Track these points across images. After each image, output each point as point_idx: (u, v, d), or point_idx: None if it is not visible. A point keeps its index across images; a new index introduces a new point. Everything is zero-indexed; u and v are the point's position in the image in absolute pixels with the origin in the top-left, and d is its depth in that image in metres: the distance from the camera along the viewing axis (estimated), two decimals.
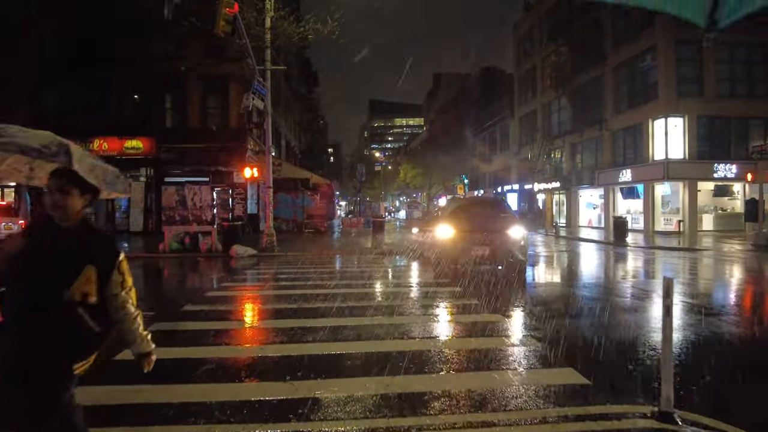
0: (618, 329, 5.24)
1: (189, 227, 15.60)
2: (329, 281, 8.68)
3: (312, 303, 6.36)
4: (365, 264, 11.81)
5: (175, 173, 21.46)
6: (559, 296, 7.20)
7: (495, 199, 10.18)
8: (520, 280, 8.13)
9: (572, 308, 6.32)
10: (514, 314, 5.95)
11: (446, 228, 8.32)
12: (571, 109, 33.41)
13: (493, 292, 7.21)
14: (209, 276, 9.85)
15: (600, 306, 6.31)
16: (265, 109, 15.18)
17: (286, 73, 37.43)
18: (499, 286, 7.86)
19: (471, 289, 7.42)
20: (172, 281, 9.64)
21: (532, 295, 7.24)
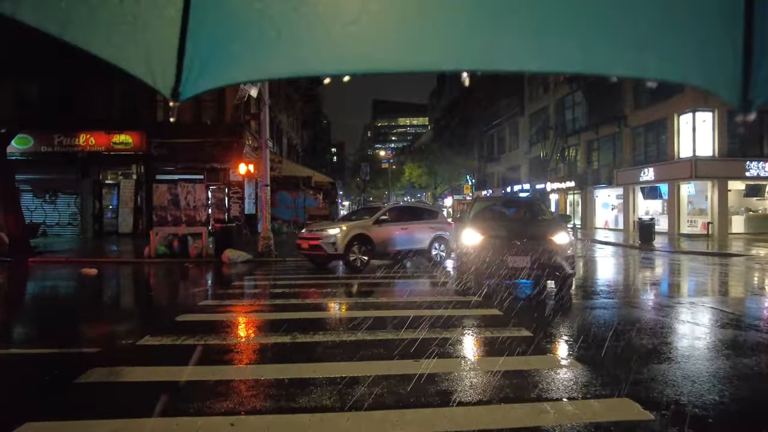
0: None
1: (178, 229, 14.09)
2: (332, 298, 7.16)
3: (311, 334, 4.83)
4: (373, 274, 10.28)
5: (167, 170, 20.02)
6: (631, 321, 5.64)
7: (529, 199, 8.60)
8: (567, 299, 6.61)
9: (666, 345, 4.77)
10: (591, 354, 4.35)
11: (473, 234, 6.78)
12: (586, 104, 31.80)
13: (543, 318, 5.67)
14: (191, 290, 8.32)
15: (698, 343, 4.76)
16: (262, 97, 13.68)
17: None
18: (547, 307, 6.32)
19: (512, 312, 5.88)
20: (142, 298, 8.00)
21: (594, 321, 5.70)
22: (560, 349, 4.51)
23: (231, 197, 19.80)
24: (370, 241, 10.48)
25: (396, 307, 6.34)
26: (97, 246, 16.74)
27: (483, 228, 7.00)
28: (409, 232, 11.28)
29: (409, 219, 11.61)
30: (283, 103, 32.84)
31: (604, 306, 6.54)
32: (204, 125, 19.76)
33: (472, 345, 4.63)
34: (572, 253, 6.61)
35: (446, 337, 4.71)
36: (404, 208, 12.65)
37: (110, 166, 19.88)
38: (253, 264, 12.52)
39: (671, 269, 11.49)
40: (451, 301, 6.55)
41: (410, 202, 13.31)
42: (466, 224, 7.45)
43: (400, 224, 11.25)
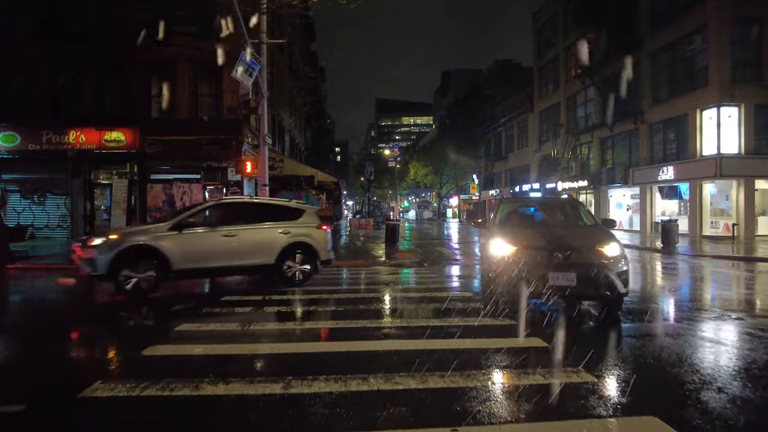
0: None
1: None
2: (335, 319, 6.07)
3: (310, 382, 3.75)
4: (384, 286, 9.19)
5: (162, 169, 18.98)
6: (717, 360, 4.52)
7: (565, 199, 7.35)
8: (613, 321, 5.50)
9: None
10: (689, 414, 3.21)
11: (502, 243, 5.67)
12: (600, 100, 30.58)
13: (602, 352, 4.56)
14: (171, 308, 7.22)
15: None
16: (259, 89, 12.60)
17: (291, 67, 35.00)
18: (602, 336, 5.21)
19: (560, 343, 4.78)
20: (112, 319, 6.74)
21: (666, 358, 4.59)
22: (647, 404, 3.39)
23: None
24: (159, 255, 7.44)
25: (414, 333, 5.25)
26: None
27: (515, 236, 5.88)
28: (240, 241, 8.07)
29: (243, 221, 8.38)
30: (285, 100, 31.79)
31: (670, 333, 5.41)
32: (201, 122, 18.72)
33: (521, 397, 3.52)
34: (626, 268, 5.48)
35: (483, 385, 3.62)
36: (237, 206, 9.22)
37: (102, 164, 18.85)
38: None
39: (718, 279, 10.32)
40: (481, 326, 5.43)
41: (254, 198, 11.10)
42: (493, 231, 6.33)
43: (222, 229, 8.04)
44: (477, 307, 6.43)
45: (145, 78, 18.67)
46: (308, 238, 8.67)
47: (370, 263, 12.81)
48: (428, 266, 12.40)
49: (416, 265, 12.71)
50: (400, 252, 15.64)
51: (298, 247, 8.54)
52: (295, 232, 8.58)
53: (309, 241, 8.64)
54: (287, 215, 8.84)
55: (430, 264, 12.97)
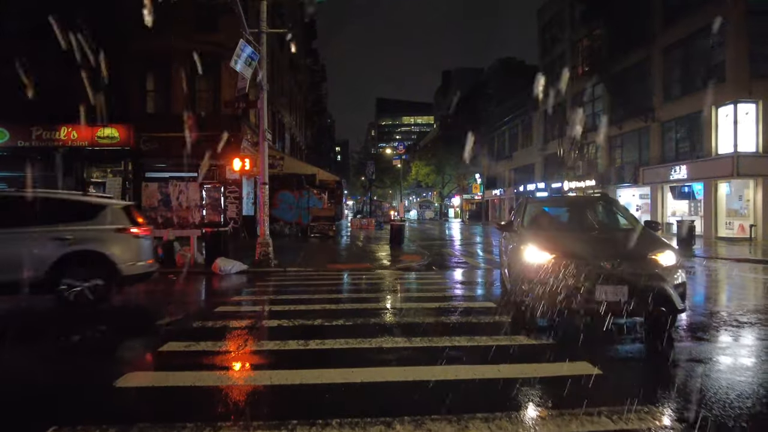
0: None
1: (164, 233, 12.27)
2: (344, 336, 5.32)
3: (320, 429, 3.01)
4: (393, 294, 8.45)
5: (157, 167, 18.26)
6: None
7: (601, 198, 6.47)
8: (666, 340, 4.77)
9: None
10: None
11: (536, 251, 4.90)
12: (608, 98, 29.85)
13: (666, 379, 3.82)
14: (160, 319, 6.48)
15: None
16: (259, 82, 11.85)
17: (291, 63, 34.24)
18: (660, 360, 4.46)
19: (613, 368, 4.04)
20: (86, 339, 5.83)
21: (747, 379, 3.86)
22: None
23: (227, 197, 18.00)
24: None
25: (438, 356, 4.50)
26: None
27: (552, 242, 5.10)
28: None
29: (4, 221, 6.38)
30: (286, 98, 31.04)
31: (743, 354, 4.66)
32: (198, 118, 17.94)
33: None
34: (683, 280, 4.72)
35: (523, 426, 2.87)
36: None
37: (95, 162, 18.12)
38: (249, 275, 10.71)
39: (757, 286, 9.57)
40: (515, 346, 4.68)
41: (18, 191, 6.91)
42: (524, 236, 5.56)
43: None
44: (504, 322, 5.68)
45: (140, 72, 17.93)
46: (100, 245, 6.65)
47: (375, 267, 12.06)
48: (438, 270, 11.65)
49: (425, 269, 11.96)
50: (406, 254, 14.89)
51: (83, 258, 6.56)
52: (80, 237, 6.57)
53: (101, 249, 6.64)
54: (75, 214, 6.77)
55: (439, 268, 12.23)
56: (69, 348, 5.05)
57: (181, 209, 18.06)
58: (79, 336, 5.45)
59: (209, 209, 18.24)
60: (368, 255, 14.81)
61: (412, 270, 11.86)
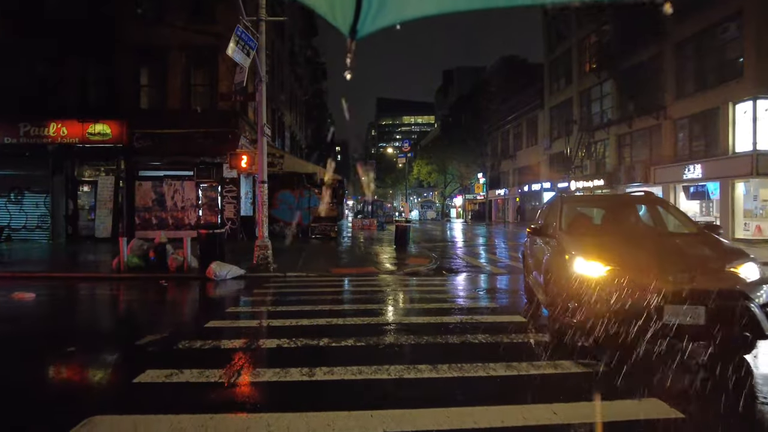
0: None
1: (156, 234, 11.47)
2: (356, 363, 4.51)
3: None
4: (404, 304, 7.66)
5: (151, 165, 17.44)
6: None
7: (647, 199, 5.62)
8: (748, 371, 3.98)
9: None
10: None
11: (585, 261, 4.09)
12: (617, 95, 29.06)
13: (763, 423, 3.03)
14: (143, 337, 5.64)
15: None
16: (258, 74, 11.05)
17: (292, 60, 33.45)
18: (749, 399, 3.65)
19: (693, 409, 3.24)
20: (55, 362, 5.01)
21: None
22: None
23: (224, 196, 17.19)
24: None
25: (475, 392, 3.70)
26: (62, 255, 14.18)
27: (602, 251, 4.28)
28: None
29: None
30: (286, 95, 30.25)
31: None
32: (194, 114, 17.17)
33: None
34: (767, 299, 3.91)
35: None
36: None
37: (86, 160, 17.29)
38: (246, 281, 9.91)
39: None
40: (566, 376, 3.88)
41: None
42: (566, 242, 4.73)
43: None
44: (541, 342, 4.87)
45: (134, 65, 17.12)
46: None
47: (380, 271, 11.26)
48: (449, 275, 10.85)
49: (434, 274, 11.17)
50: (413, 257, 14.09)
51: None
52: None
53: None
54: None
55: (450, 272, 11.43)
56: (19, 387, 4.23)
57: (176, 209, 17.26)
58: (33, 362, 4.64)
59: (206, 209, 17.43)
60: (372, 258, 14.01)
61: (420, 275, 11.07)
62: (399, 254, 15.08)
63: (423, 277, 10.76)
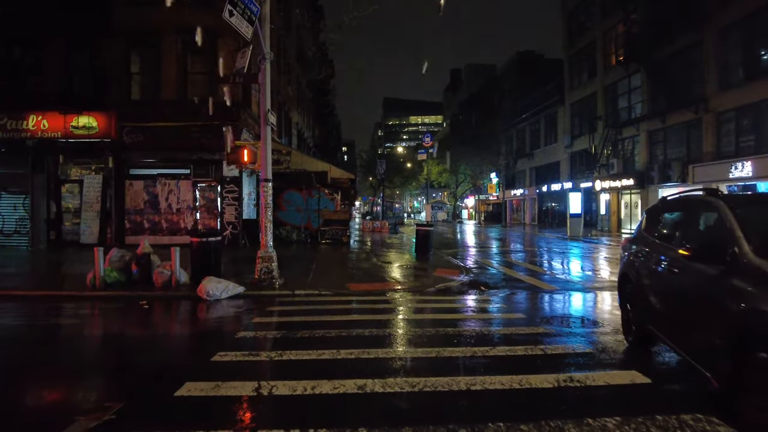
0: None
1: (140, 242, 9.61)
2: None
3: None
4: (458, 343, 5.76)
5: (143, 162, 15.65)
6: None
7: None
8: None
9: None
10: None
11: None
12: (648, 88, 26.99)
13: None
14: (95, 397, 3.79)
15: None
16: (261, 47, 9.18)
17: (299, 55, 31.69)
18: None
19: None
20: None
21: None
22: None
23: (225, 198, 15.33)
24: None
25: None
26: (35, 265, 12.41)
27: None
28: None
29: None
30: (294, 91, 28.45)
31: None
32: (191, 105, 15.32)
33: None
34: None
35: None
36: None
37: (70, 156, 15.54)
38: (245, 302, 8.04)
39: None
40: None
41: None
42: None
43: None
44: (703, 424, 2.94)
45: (124, 51, 15.32)
46: None
47: (405, 287, 9.34)
48: (490, 293, 8.93)
49: (470, 290, 9.29)
50: (440, 268, 12.16)
51: None
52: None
53: None
54: None
55: (490, 287, 9.51)
56: None
57: (170, 212, 15.44)
58: None
59: (203, 212, 15.60)
60: (393, 269, 12.10)
61: (453, 291, 9.17)
62: (421, 263, 13.18)
63: (457, 295, 8.86)
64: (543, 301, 8.32)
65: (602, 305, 7.96)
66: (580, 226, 26.47)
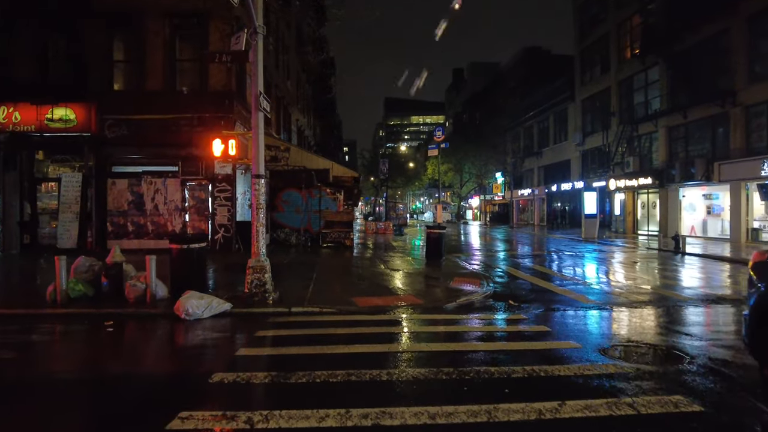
0: None
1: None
2: None
3: None
4: (508, 389, 4.30)
5: (127, 159, 14.25)
6: None
7: None
8: None
9: None
10: None
11: None
12: (667, 82, 25.54)
13: None
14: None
15: None
16: (252, 20, 7.78)
17: (299, 50, 30.32)
18: None
19: None
20: None
21: None
22: None
23: (216, 197, 13.91)
24: None
25: None
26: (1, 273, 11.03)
27: None
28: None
29: None
30: (293, 85, 27.06)
31: None
32: (179, 95, 13.96)
33: None
34: None
35: None
36: None
37: (46, 152, 14.16)
38: (231, 324, 6.63)
39: None
40: None
41: None
42: None
43: None
44: None
45: (105, 36, 13.93)
46: None
47: (421, 302, 7.93)
48: (525, 311, 7.51)
49: (496, 304, 7.88)
50: (457, 277, 10.74)
51: None
52: None
53: None
54: None
55: (521, 302, 8.10)
56: None
57: (157, 213, 14.04)
58: None
59: (193, 213, 14.19)
60: (404, 278, 10.68)
61: (478, 307, 7.76)
62: (434, 271, 11.78)
63: (483, 312, 7.45)
64: (591, 321, 6.91)
65: (663, 326, 6.54)
66: (595, 228, 25.04)
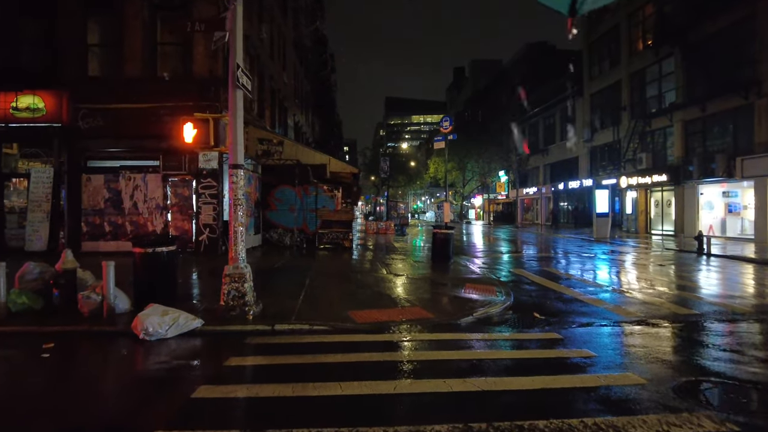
0: None
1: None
2: None
3: None
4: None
5: (103, 153, 12.97)
6: None
7: None
8: None
9: None
10: None
11: None
12: (683, 74, 24.25)
13: None
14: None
15: None
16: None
17: (297, 44, 29.08)
18: None
19: None
20: None
21: None
22: None
23: (201, 195, 12.62)
24: None
25: None
26: None
27: None
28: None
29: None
30: (290, 79, 25.79)
31: None
32: (160, 82, 12.69)
33: None
34: None
35: None
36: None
37: (13, 145, 12.90)
38: (201, 344, 5.36)
39: None
40: None
41: None
42: None
43: None
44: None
45: (78, 16, 12.65)
46: None
47: (431, 316, 6.66)
48: (549, 323, 6.24)
49: (519, 318, 6.63)
50: (469, 284, 9.45)
51: None
52: None
53: None
54: None
55: (548, 316, 6.82)
56: None
57: (136, 212, 12.76)
58: None
59: (176, 212, 12.90)
60: (409, 286, 9.40)
61: (498, 322, 6.49)
62: (441, 276, 10.51)
63: (505, 328, 6.19)
64: (639, 341, 5.61)
65: (740, 351, 5.25)
66: (607, 227, 23.76)
